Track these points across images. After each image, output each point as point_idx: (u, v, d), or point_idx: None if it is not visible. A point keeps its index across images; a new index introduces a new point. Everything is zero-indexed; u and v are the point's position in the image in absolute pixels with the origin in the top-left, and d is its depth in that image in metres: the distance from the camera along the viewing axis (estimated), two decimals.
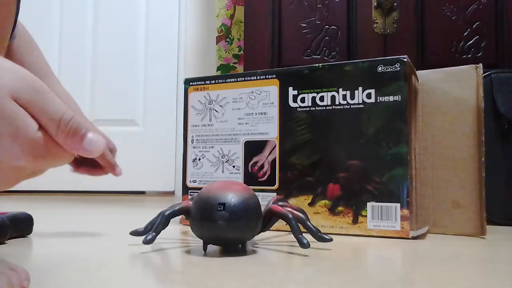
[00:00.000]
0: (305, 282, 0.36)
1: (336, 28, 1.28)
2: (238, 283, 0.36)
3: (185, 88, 0.79)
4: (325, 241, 0.51)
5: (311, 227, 0.51)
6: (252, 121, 0.73)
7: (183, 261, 0.46)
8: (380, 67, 0.65)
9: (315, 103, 0.69)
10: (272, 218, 0.53)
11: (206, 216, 0.47)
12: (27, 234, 0.60)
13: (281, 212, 0.51)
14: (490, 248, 0.57)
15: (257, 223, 0.49)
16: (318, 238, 0.51)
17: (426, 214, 0.70)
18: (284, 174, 0.70)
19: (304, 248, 0.47)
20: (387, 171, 0.63)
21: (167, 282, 0.36)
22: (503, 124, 0.86)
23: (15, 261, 0.43)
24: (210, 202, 0.47)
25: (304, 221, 0.51)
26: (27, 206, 1.21)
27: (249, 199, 0.49)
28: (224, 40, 1.92)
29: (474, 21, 1.20)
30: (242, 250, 0.51)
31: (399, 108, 0.64)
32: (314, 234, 0.51)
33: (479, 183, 0.67)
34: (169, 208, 0.51)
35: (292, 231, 0.49)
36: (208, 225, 0.47)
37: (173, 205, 0.52)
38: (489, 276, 0.40)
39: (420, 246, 0.57)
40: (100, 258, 0.46)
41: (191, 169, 0.78)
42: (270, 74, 0.73)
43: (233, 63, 1.91)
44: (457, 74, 0.69)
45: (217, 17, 1.92)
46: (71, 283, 0.35)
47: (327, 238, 0.51)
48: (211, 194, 0.48)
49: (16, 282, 0.30)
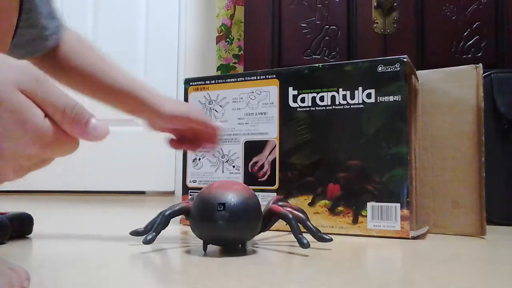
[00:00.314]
0: (305, 282, 0.36)
1: (336, 28, 1.28)
2: (238, 283, 0.36)
3: (185, 88, 0.79)
4: (325, 241, 0.51)
5: (311, 227, 0.51)
6: (252, 121, 0.73)
7: (183, 261, 0.46)
8: (380, 67, 0.65)
9: (315, 103, 0.69)
10: (272, 218, 0.53)
11: (206, 216, 0.47)
12: (27, 234, 0.60)
13: (281, 212, 0.51)
14: (490, 248, 0.57)
15: (257, 223, 0.49)
16: (318, 238, 0.51)
17: (426, 214, 0.70)
18: (284, 174, 0.70)
19: (304, 248, 0.47)
20: (387, 171, 0.63)
21: (167, 282, 0.36)
22: (503, 124, 0.86)
23: (15, 261, 0.43)
24: (210, 202, 0.47)
25: (304, 221, 0.51)
26: (27, 206, 1.21)
27: (249, 199, 0.49)
28: (224, 40, 1.92)
29: (474, 21, 1.20)
30: (242, 250, 0.51)
31: (399, 108, 0.64)
32: (314, 234, 0.51)
33: (479, 183, 0.67)
34: (169, 208, 0.51)
35: (292, 231, 0.49)
36: (208, 225, 0.47)
37: (173, 205, 0.52)
38: (489, 276, 0.40)
39: (420, 246, 0.57)
40: (100, 258, 0.46)
41: (191, 169, 0.78)
42: (270, 74, 0.73)
43: (233, 63, 1.91)
44: (457, 74, 0.69)
45: (217, 17, 1.92)
46: (71, 283, 0.35)
47: (327, 238, 0.51)
48: (211, 194, 0.48)
49: (17, 282, 0.30)
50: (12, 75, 0.27)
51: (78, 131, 0.29)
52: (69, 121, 0.29)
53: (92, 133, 0.29)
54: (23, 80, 0.28)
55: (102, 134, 0.30)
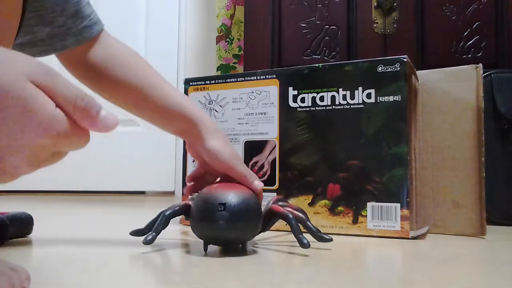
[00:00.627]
0: (305, 282, 0.36)
1: (336, 28, 1.28)
2: (238, 283, 0.36)
3: (185, 88, 0.79)
4: (326, 241, 0.51)
5: (311, 227, 0.51)
6: (252, 121, 0.73)
7: (183, 261, 0.46)
8: (380, 67, 0.65)
9: (315, 103, 0.69)
10: (272, 218, 0.53)
11: (206, 216, 0.47)
12: (27, 234, 0.60)
13: (281, 212, 0.51)
14: (490, 248, 0.57)
15: (257, 223, 0.49)
16: (318, 238, 0.51)
17: (426, 214, 0.70)
18: (284, 174, 0.70)
19: (304, 248, 0.47)
20: (387, 171, 0.63)
21: (167, 282, 0.36)
22: (503, 124, 0.86)
23: (15, 261, 0.43)
24: (210, 202, 0.47)
25: (304, 221, 0.51)
26: (27, 206, 1.21)
27: (250, 199, 0.49)
28: (224, 40, 1.92)
29: (474, 21, 1.20)
30: (242, 250, 0.51)
31: (399, 108, 0.64)
32: (314, 234, 0.51)
33: (479, 183, 0.67)
34: (169, 208, 0.51)
35: (293, 231, 0.49)
36: (209, 225, 0.47)
37: (173, 205, 0.52)
38: (489, 276, 0.40)
39: (420, 246, 0.57)
40: (100, 258, 0.46)
41: (191, 169, 0.77)
42: (270, 74, 0.73)
43: (233, 63, 1.91)
44: (457, 74, 0.69)
45: (217, 17, 1.92)
46: (71, 283, 0.35)
47: (327, 238, 0.51)
48: (211, 194, 0.48)
49: (17, 282, 0.30)
50: (23, 68, 0.28)
51: (88, 122, 0.30)
52: (80, 112, 0.29)
53: (102, 124, 0.30)
54: (34, 72, 0.28)
55: (112, 125, 0.30)
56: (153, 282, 0.36)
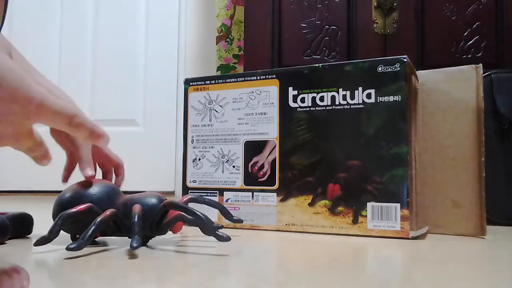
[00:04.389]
0: (305, 282, 0.36)
1: (336, 28, 1.28)
2: (238, 283, 0.36)
3: (185, 88, 0.79)
4: (221, 239, 0.48)
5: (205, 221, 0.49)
6: (252, 121, 0.73)
7: (183, 261, 0.46)
8: (380, 67, 0.65)
9: (315, 103, 0.69)
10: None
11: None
12: (27, 234, 0.60)
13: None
14: (490, 248, 0.57)
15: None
16: (212, 229, 0.48)
17: (426, 214, 0.70)
18: (284, 174, 0.70)
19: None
20: (387, 171, 0.63)
21: (167, 282, 0.36)
22: (503, 124, 0.86)
23: (15, 261, 0.43)
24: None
25: (184, 217, 0.50)
26: (27, 206, 1.21)
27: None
28: (224, 40, 1.92)
29: (474, 21, 1.20)
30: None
31: (399, 108, 0.64)
32: (206, 227, 0.49)
33: (479, 183, 0.67)
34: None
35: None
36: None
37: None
38: (489, 276, 0.40)
39: (420, 246, 0.57)
40: (100, 258, 0.46)
41: (191, 169, 0.78)
42: (270, 74, 0.73)
43: (233, 63, 1.91)
44: (457, 74, 0.69)
45: (217, 17, 1.92)
46: (71, 283, 0.35)
47: (222, 235, 0.48)
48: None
49: (17, 282, 0.30)
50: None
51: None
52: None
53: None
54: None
55: (104, 141, 0.36)
56: (153, 282, 0.36)
